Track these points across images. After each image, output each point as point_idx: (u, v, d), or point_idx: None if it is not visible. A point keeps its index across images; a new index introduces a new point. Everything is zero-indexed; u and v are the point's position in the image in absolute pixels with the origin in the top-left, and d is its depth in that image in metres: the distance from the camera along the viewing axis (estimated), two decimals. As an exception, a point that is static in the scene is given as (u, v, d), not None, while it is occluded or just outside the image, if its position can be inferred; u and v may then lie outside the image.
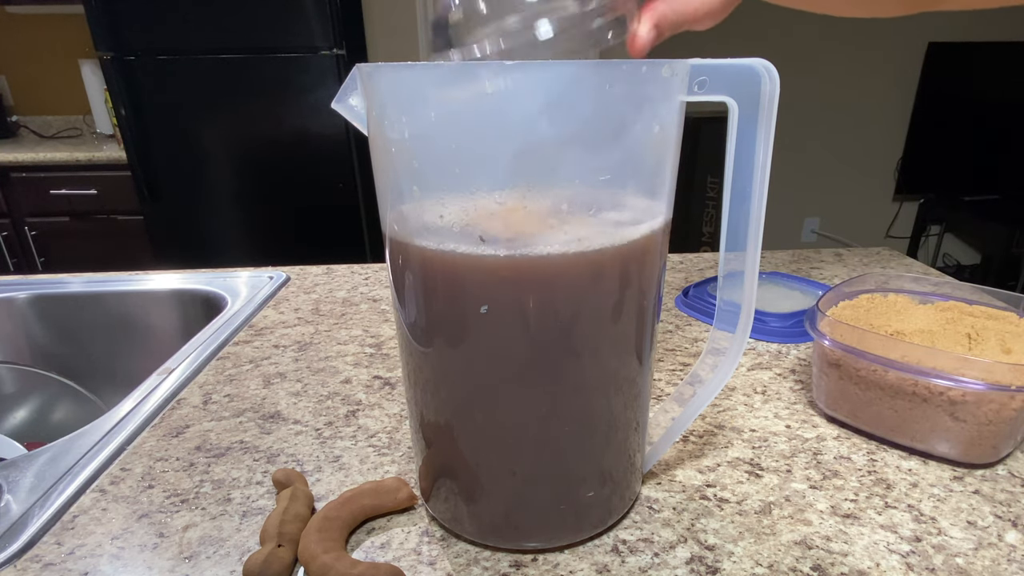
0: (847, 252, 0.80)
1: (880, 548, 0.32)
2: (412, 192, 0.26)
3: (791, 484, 0.37)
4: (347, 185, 1.92)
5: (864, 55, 2.64)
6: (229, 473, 0.39)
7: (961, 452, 0.38)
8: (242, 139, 1.87)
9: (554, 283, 0.26)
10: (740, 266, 0.29)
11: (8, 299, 0.70)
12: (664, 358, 0.53)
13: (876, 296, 0.47)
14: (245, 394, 0.49)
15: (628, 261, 0.27)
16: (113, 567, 0.32)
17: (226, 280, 0.72)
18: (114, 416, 0.45)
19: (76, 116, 2.44)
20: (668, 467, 0.39)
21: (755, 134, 0.26)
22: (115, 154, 1.93)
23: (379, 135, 0.27)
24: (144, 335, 0.72)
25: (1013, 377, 0.34)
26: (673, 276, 0.73)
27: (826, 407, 0.43)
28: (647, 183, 0.27)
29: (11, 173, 1.95)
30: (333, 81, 1.78)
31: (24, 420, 0.67)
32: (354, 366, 0.53)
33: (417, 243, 0.27)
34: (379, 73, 0.26)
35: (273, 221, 1.98)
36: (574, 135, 0.25)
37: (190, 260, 1.95)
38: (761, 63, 0.25)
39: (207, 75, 1.78)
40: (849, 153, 2.81)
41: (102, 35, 1.73)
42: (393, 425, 0.44)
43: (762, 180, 0.27)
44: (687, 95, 0.27)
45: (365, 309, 0.65)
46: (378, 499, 0.34)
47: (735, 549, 0.32)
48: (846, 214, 2.91)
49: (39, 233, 2.02)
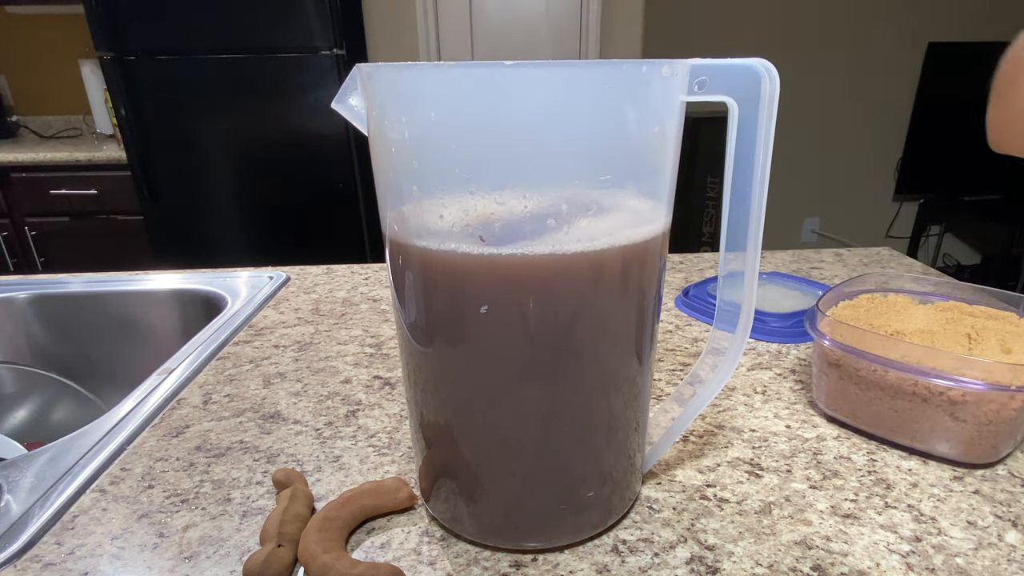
0: (847, 252, 0.80)
1: (880, 548, 0.32)
2: (412, 192, 0.26)
3: (791, 484, 0.37)
4: (347, 185, 1.92)
5: (864, 55, 2.64)
6: (229, 473, 0.39)
7: (961, 452, 0.38)
8: (242, 139, 1.87)
9: (554, 283, 0.26)
10: (740, 266, 0.29)
11: (8, 299, 0.70)
12: (664, 358, 0.53)
13: (876, 296, 0.47)
14: (245, 394, 0.49)
15: (628, 261, 0.27)
16: (113, 567, 0.32)
17: (226, 280, 0.72)
18: (114, 416, 0.45)
19: (76, 116, 2.44)
20: (668, 467, 0.39)
21: (755, 134, 0.26)
22: (115, 154, 1.93)
23: (379, 135, 0.27)
24: (144, 335, 0.72)
25: (1013, 377, 0.34)
26: (673, 276, 0.73)
27: (826, 407, 0.43)
28: (647, 183, 0.27)
29: (11, 173, 1.95)
30: (333, 81, 1.78)
31: (24, 420, 0.67)
32: (354, 366, 0.53)
33: (417, 243, 0.27)
34: (379, 73, 0.26)
35: (273, 221, 1.98)
36: (574, 135, 0.25)
37: (190, 260, 1.95)
38: (761, 63, 0.25)
39: (207, 75, 1.78)
40: (849, 153, 2.81)
41: (102, 35, 1.73)
42: (393, 425, 0.44)
43: (762, 180, 0.27)
44: (687, 95, 0.27)
45: (365, 309, 0.65)
46: (378, 499, 0.34)
47: (735, 549, 0.32)
48: (846, 214, 2.91)
49: (39, 233, 2.02)
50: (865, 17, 2.58)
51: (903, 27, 2.60)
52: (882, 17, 2.58)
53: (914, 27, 2.60)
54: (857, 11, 2.57)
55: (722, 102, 0.26)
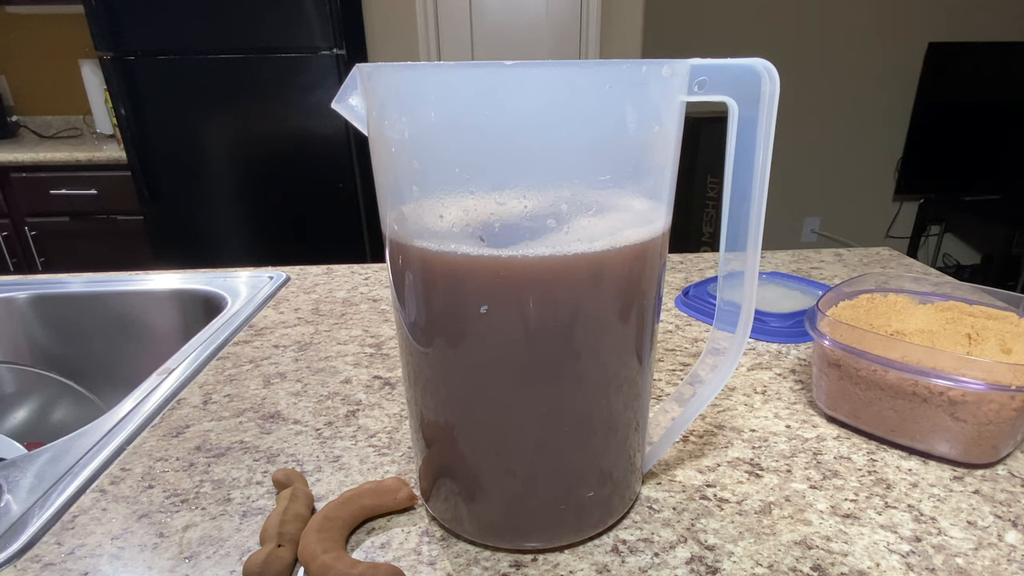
0: (847, 252, 0.80)
1: (880, 548, 0.32)
2: (412, 192, 0.26)
3: (791, 484, 0.37)
4: (347, 185, 1.92)
5: (864, 55, 2.64)
6: (229, 473, 0.39)
7: (961, 452, 0.38)
8: (242, 139, 1.87)
9: (554, 283, 0.26)
10: (740, 266, 0.29)
11: (8, 299, 0.70)
12: (664, 358, 0.53)
13: (876, 296, 0.47)
14: (245, 394, 0.49)
15: (628, 262, 0.27)
16: (113, 567, 0.32)
17: (226, 280, 0.72)
18: (114, 416, 0.45)
19: (76, 116, 2.44)
20: (668, 467, 0.39)
21: (755, 134, 0.26)
22: (115, 154, 1.93)
23: (379, 135, 0.27)
24: (144, 335, 0.72)
25: (1013, 377, 0.34)
26: (673, 276, 0.73)
27: (826, 407, 0.43)
28: (647, 183, 0.27)
29: (11, 173, 1.95)
30: (333, 81, 1.78)
31: (24, 420, 0.67)
32: (354, 366, 0.53)
33: (417, 244, 0.27)
34: (379, 73, 0.26)
35: (273, 221, 1.98)
36: (574, 135, 0.25)
37: (190, 260, 1.95)
38: (761, 63, 0.25)
39: (207, 75, 1.78)
40: (849, 153, 2.81)
41: (102, 35, 1.73)
42: (393, 425, 0.44)
43: (762, 180, 0.27)
44: (687, 95, 0.27)
45: (365, 309, 0.65)
46: (378, 499, 0.34)
47: (735, 549, 0.32)
48: (846, 214, 2.91)
49: (39, 233, 2.02)
50: (865, 17, 2.58)
51: (903, 27, 2.60)
52: (882, 17, 2.58)
53: (914, 27, 2.60)
54: (857, 11, 2.58)
55: (722, 102, 0.26)
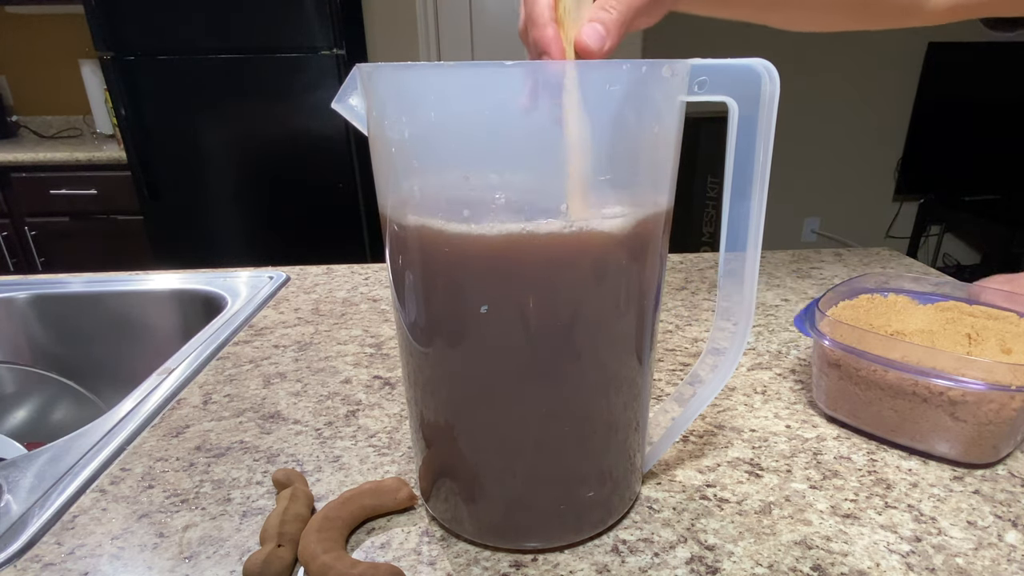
0: (847, 252, 0.80)
1: (880, 548, 0.32)
2: (412, 191, 0.26)
3: (791, 484, 0.37)
4: (347, 185, 1.92)
5: (864, 55, 2.64)
6: (229, 473, 0.39)
7: (961, 452, 0.38)
8: (242, 139, 1.87)
9: (555, 282, 0.26)
10: (740, 266, 0.29)
11: (8, 299, 0.70)
12: (664, 358, 0.53)
13: (876, 296, 0.47)
14: (245, 394, 0.49)
15: (629, 261, 0.27)
16: (113, 567, 0.32)
17: (226, 280, 0.72)
18: (114, 416, 0.45)
19: (76, 116, 2.44)
20: (668, 467, 0.39)
21: (755, 134, 0.26)
22: (115, 154, 1.93)
23: (379, 135, 0.27)
24: (144, 335, 0.72)
25: (1013, 377, 0.34)
26: (673, 276, 0.73)
27: (826, 407, 0.43)
28: (647, 183, 0.27)
29: (11, 173, 1.95)
30: (333, 81, 1.78)
31: (24, 420, 0.67)
32: (354, 366, 0.53)
33: (417, 243, 0.27)
34: (379, 73, 0.26)
35: (273, 221, 1.98)
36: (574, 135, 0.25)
37: (190, 260, 1.95)
38: (761, 63, 0.25)
39: (207, 75, 1.78)
40: (849, 153, 2.80)
41: (102, 35, 1.73)
42: (393, 425, 0.44)
43: (762, 180, 0.27)
44: (687, 95, 0.26)
45: (365, 309, 0.65)
46: (378, 499, 0.34)
47: (735, 549, 0.32)
48: (846, 214, 2.91)
49: (39, 233, 2.02)
50: (865, 17, 2.58)
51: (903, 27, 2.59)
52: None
53: (914, 27, 2.59)
54: (857, 11, 2.57)
55: (722, 102, 0.26)
